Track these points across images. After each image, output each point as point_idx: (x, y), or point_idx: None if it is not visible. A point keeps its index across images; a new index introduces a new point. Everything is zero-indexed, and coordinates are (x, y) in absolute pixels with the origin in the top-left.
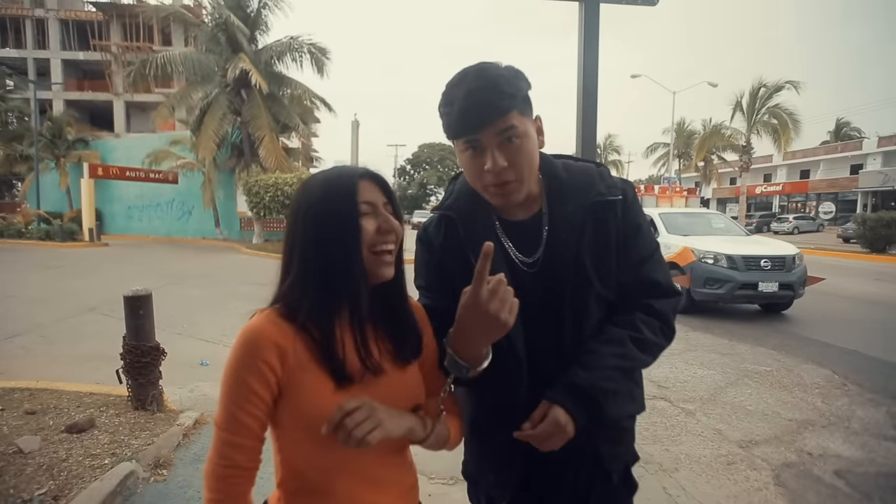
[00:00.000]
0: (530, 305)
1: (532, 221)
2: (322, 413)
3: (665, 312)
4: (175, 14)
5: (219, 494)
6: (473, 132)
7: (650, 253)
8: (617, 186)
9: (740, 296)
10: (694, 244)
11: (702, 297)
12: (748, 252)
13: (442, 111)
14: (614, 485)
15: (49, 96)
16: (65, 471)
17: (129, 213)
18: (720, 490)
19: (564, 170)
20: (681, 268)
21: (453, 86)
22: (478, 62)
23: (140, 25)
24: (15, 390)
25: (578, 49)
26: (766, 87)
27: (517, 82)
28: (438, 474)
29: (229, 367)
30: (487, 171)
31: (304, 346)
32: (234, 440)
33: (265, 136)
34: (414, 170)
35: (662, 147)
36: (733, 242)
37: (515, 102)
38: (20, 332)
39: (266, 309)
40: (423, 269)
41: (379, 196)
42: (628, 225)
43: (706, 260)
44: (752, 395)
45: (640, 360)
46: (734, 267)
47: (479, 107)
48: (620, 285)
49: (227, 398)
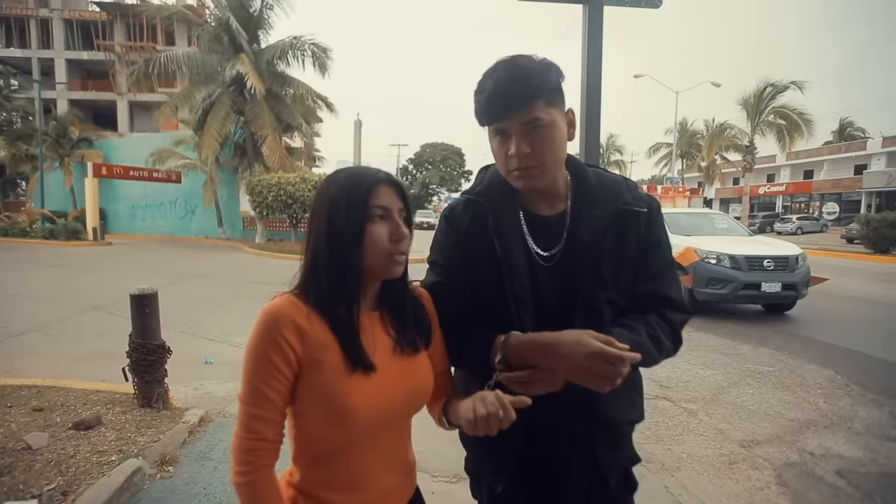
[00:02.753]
0: (543, 301)
1: (556, 219)
2: (337, 395)
3: (676, 323)
4: (178, 14)
5: (246, 467)
6: (499, 120)
7: (667, 268)
8: (643, 199)
9: (743, 296)
10: (697, 244)
11: (704, 297)
12: (751, 252)
13: (475, 98)
14: (613, 487)
15: (53, 96)
16: (73, 467)
17: (132, 212)
18: (722, 489)
19: (595, 176)
20: (684, 268)
21: (486, 75)
22: (513, 54)
23: (143, 25)
24: (22, 388)
25: (582, 50)
26: (774, 85)
27: (546, 75)
28: (441, 473)
29: (251, 344)
30: (511, 157)
31: (323, 328)
32: (258, 413)
33: (268, 136)
34: (416, 169)
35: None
36: (736, 242)
37: (541, 93)
38: (26, 330)
39: (286, 292)
40: (443, 247)
41: (395, 202)
42: (650, 239)
43: (709, 260)
44: (754, 395)
45: (650, 352)
46: (737, 267)
47: (504, 96)
48: (634, 296)
49: (250, 373)
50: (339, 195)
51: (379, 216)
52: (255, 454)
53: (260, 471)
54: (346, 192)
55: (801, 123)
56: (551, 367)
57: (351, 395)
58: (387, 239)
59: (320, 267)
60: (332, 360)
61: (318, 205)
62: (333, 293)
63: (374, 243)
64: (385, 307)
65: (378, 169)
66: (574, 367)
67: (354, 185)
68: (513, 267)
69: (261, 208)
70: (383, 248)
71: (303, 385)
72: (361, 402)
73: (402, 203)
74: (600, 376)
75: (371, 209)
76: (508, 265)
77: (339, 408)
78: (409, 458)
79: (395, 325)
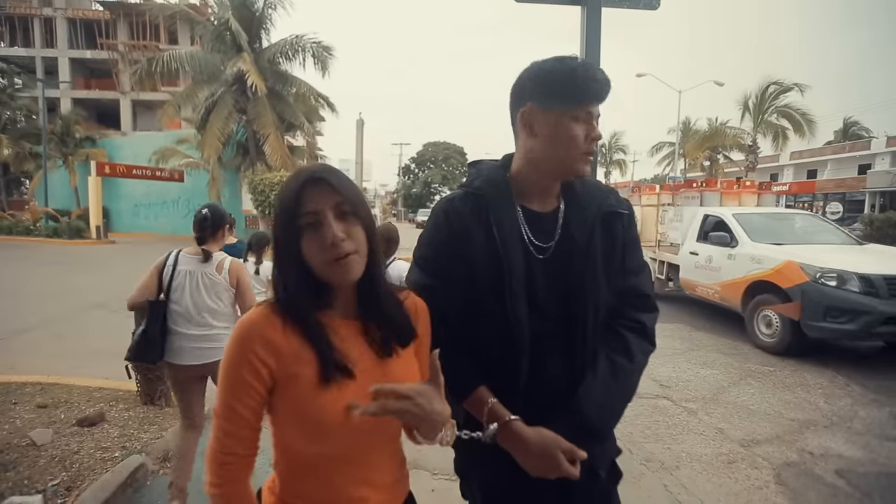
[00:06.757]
0: (538, 294)
1: (549, 216)
2: (312, 409)
3: (652, 332)
4: (181, 13)
5: (219, 479)
6: (594, 103)
7: (642, 266)
8: (623, 203)
9: (882, 332)
10: (802, 257)
11: (820, 334)
12: (890, 271)
13: (556, 75)
14: (604, 478)
15: (57, 95)
16: (77, 463)
17: (135, 210)
18: (721, 488)
19: (579, 182)
20: (783, 291)
21: (561, 60)
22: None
23: (146, 24)
24: (27, 384)
25: (580, 51)
26: (778, 84)
27: None
28: (442, 470)
29: (225, 360)
30: (590, 139)
31: (298, 339)
32: (231, 429)
33: (270, 135)
34: (418, 168)
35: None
36: (854, 254)
37: None
38: (30, 327)
39: (265, 302)
40: (433, 241)
41: (326, 200)
42: (629, 238)
43: (827, 281)
44: (754, 395)
45: (635, 387)
46: (872, 292)
47: (603, 83)
48: (618, 290)
49: (223, 390)
50: (278, 210)
51: (309, 224)
52: (227, 468)
53: (232, 483)
54: (281, 206)
55: (803, 123)
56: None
57: (326, 410)
58: (320, 248)
59: (281, 279)
60: (307, 373)
61: None
62: (298, 304)
63: (311, 256)
64: (363, 315)
65: (313, 166)
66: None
67: (284, 197)
68: (511, 260)
69: (263, 207)
70: (320, 259)
71: (278, 398)
72: (338, 416)
73: (338, 195)
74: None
75: (299, 219)
76: (507, 258)
77: (315, 422)
78: (397, 471)
79: (375, 334)
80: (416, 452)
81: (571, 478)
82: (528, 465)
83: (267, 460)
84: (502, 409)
